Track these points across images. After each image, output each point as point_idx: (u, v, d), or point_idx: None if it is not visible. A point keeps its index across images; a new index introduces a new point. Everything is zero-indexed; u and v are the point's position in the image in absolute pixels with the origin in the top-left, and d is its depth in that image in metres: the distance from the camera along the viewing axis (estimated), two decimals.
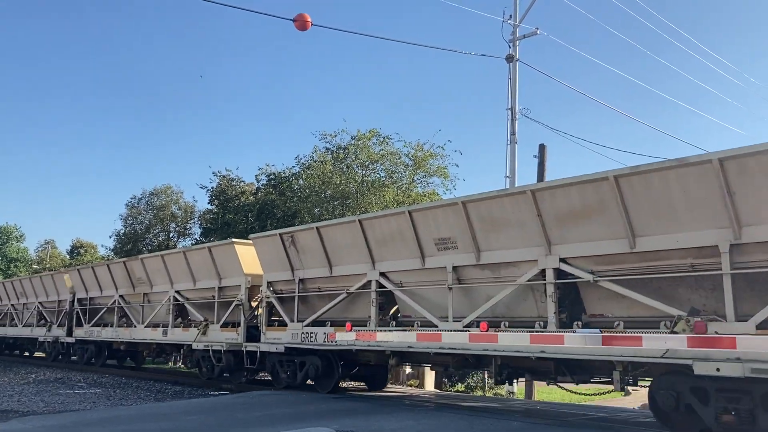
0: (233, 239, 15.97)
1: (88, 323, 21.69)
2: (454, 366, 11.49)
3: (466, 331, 10.11)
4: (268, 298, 14.25)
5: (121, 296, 20.04)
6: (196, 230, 39.60)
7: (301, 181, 28.34)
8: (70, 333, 23.01)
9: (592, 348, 8.37)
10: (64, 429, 8.92)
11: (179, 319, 17.59)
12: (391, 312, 12.37)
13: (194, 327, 16.49)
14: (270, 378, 15.21)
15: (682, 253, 8.06)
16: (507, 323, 9.77)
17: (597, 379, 9.57)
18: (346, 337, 12.07)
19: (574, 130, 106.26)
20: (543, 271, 9.30)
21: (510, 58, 20.41)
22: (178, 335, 17.14)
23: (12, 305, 28.30)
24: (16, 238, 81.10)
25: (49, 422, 9.73)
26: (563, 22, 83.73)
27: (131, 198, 44.06)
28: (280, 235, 13.79)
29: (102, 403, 12.86)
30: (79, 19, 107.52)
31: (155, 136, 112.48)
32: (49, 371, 21.30)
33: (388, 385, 17.21)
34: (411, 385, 17.78)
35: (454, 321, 10.44)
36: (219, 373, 15.90)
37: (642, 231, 8.27)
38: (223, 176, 33.41)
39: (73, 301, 23.07)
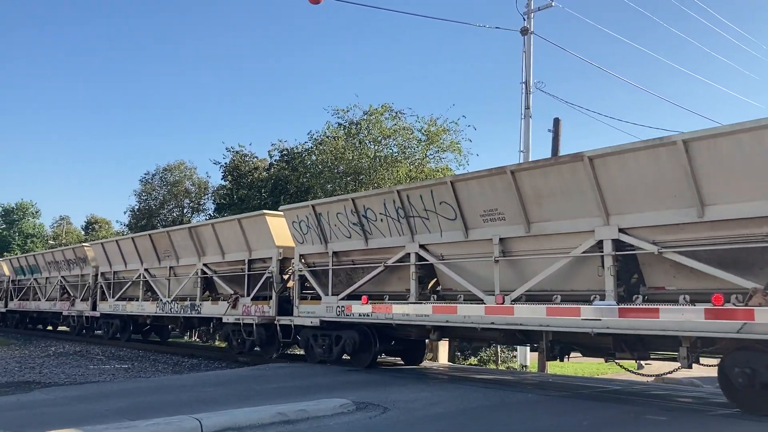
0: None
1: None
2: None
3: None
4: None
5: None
6: (210, 206, 39.79)
7: (313, 157, 28.31)
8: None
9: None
10: (86, 399, 9.11)
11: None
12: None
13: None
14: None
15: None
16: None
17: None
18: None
19: (590, 103, 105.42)
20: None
21: (524, 31, 20.19)
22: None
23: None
24: (32, 214, 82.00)
25: (71, 393, 9.95)
26: None
27: (145, 174, 44.30)
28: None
29: (121, 376, 13.09)
30: None
31: (168, 112, 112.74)
32: (69, 344, 21.65)
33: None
34: (426, 359, 17.92)
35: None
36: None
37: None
38: (237, 152, 33.42)
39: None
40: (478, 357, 19.94)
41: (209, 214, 37.94)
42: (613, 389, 10.74)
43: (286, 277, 14.90)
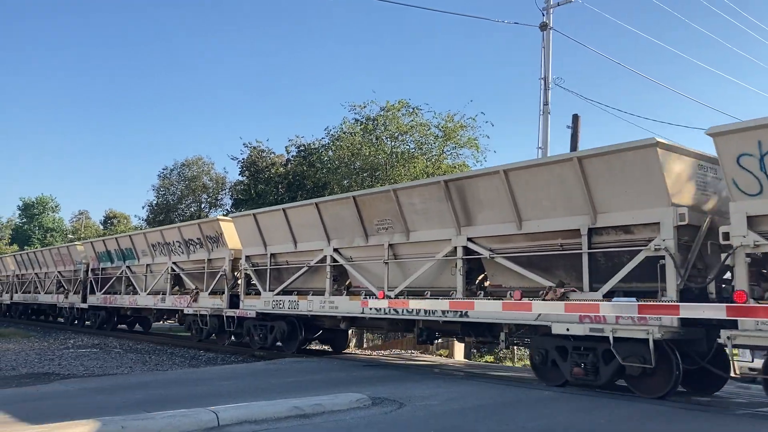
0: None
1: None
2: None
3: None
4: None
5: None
6: (227, 201, 40.01)
7: (330, 153, 28.34)
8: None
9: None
10: (104, 391, 9.18)
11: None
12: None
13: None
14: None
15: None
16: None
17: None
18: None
19: (608, 99, 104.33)
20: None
21: (544, 27, 20.05)
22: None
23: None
24: (52, 208, 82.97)
25: (90, 384, 10.04)
26: None
27: (163, 169, 44.62)
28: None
29: (138, 368, 13.21)
30: None
31: (187, 108, 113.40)
32: (86, 337, 21.90)
33: (418, 354, 17.40)
34: (441, 355, 17.92)
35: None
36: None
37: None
38: (254, 147, 33.58)
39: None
40: (494, 354, 19.85)
41: (227, 209, 38.15)
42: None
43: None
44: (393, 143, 26.30)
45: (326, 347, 17.75)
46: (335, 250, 13.67)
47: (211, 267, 17.77)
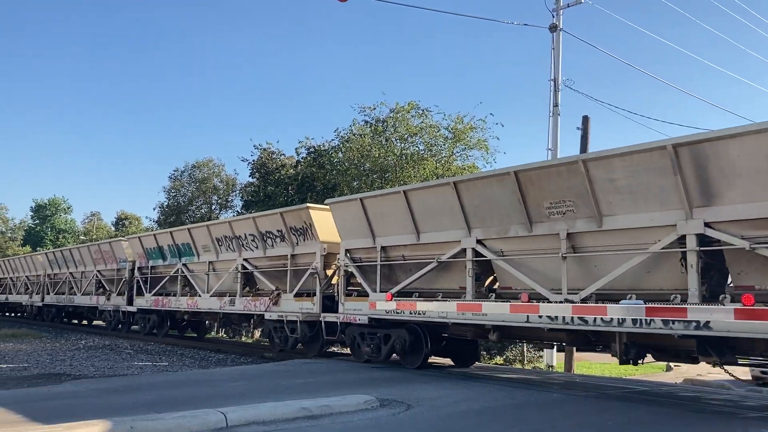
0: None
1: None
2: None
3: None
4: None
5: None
6: (238, 202, 40.13)
7: (340, 155, 28.37)
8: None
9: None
10: (114, 392, 9.25)
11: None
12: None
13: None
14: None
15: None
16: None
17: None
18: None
19: (619, 101, 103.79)
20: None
21: (553, 28, 19.99)
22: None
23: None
24: (64, 210, 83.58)
25: (101, 385, 10.12)
26: None
27: (174, 170, 44.79)
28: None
29: (149, 370, 13.29)
30: None
31: (197, 111, 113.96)
32: (98, 338, 22.05)
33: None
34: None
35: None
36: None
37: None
38: (264, 149, 33.66)
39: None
40: (504, 356, 19.81)
41: (237, 211, 38.25)
42: (640, 390, 10.61)
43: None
44: (402, 145, 26.31)
45: (448, 360, 14.20)
46: (478, 241, 11.05)
47: (296, 264, 15.29)
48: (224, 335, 24.92)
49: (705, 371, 15.21)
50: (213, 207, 41.93)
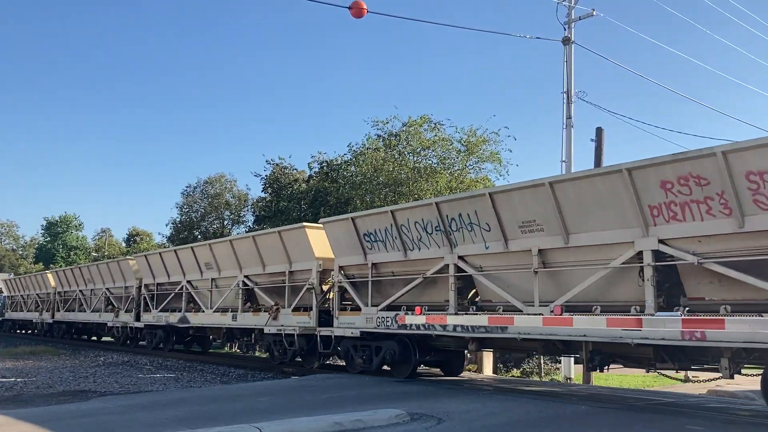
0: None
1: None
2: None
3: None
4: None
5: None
6: (250, 218, 40.31)
7: (353, 169, 28.50)
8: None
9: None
10: (144, 408, 9.29)
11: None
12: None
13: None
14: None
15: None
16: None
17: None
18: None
19: (632, 112, 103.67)
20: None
21: (566, 41, 20.08)
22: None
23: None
24: (75, 226, 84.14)
25: (128, 402, 10.15)
26: (620, 1, 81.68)
27: (186, 186, 45.11)
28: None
29: (172, 385, 13.31)
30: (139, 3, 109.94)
31: (210, 127, 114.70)
32: (116, 354, 22.09)
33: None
34: (469, 370, 17.85)
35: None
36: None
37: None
38: (277, 164, 33.88)
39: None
40: (521, 369, 19.76)
41: (249, 226, 38.44)
42: (667, 401, 10.56)
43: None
44: (415, 158, 26.43)
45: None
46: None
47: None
48: (237, 350, 24.92)
49: (724, 381, 15.06)
50: (225, 222, 42.13)
